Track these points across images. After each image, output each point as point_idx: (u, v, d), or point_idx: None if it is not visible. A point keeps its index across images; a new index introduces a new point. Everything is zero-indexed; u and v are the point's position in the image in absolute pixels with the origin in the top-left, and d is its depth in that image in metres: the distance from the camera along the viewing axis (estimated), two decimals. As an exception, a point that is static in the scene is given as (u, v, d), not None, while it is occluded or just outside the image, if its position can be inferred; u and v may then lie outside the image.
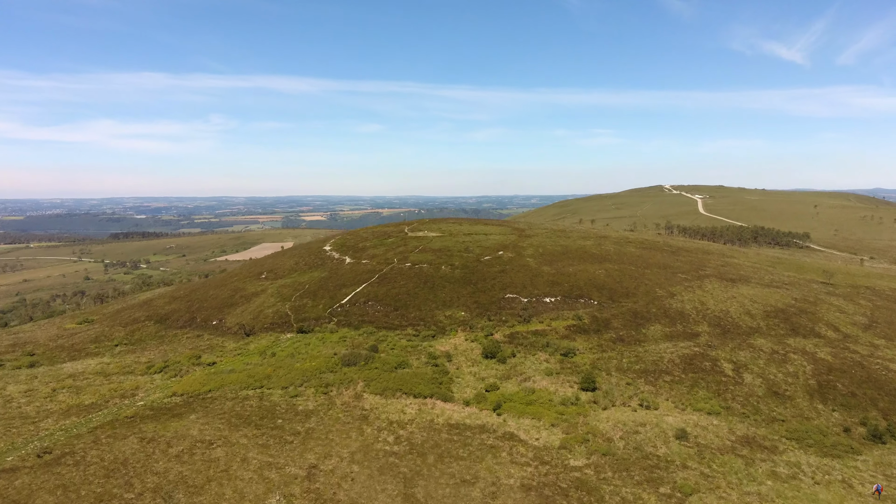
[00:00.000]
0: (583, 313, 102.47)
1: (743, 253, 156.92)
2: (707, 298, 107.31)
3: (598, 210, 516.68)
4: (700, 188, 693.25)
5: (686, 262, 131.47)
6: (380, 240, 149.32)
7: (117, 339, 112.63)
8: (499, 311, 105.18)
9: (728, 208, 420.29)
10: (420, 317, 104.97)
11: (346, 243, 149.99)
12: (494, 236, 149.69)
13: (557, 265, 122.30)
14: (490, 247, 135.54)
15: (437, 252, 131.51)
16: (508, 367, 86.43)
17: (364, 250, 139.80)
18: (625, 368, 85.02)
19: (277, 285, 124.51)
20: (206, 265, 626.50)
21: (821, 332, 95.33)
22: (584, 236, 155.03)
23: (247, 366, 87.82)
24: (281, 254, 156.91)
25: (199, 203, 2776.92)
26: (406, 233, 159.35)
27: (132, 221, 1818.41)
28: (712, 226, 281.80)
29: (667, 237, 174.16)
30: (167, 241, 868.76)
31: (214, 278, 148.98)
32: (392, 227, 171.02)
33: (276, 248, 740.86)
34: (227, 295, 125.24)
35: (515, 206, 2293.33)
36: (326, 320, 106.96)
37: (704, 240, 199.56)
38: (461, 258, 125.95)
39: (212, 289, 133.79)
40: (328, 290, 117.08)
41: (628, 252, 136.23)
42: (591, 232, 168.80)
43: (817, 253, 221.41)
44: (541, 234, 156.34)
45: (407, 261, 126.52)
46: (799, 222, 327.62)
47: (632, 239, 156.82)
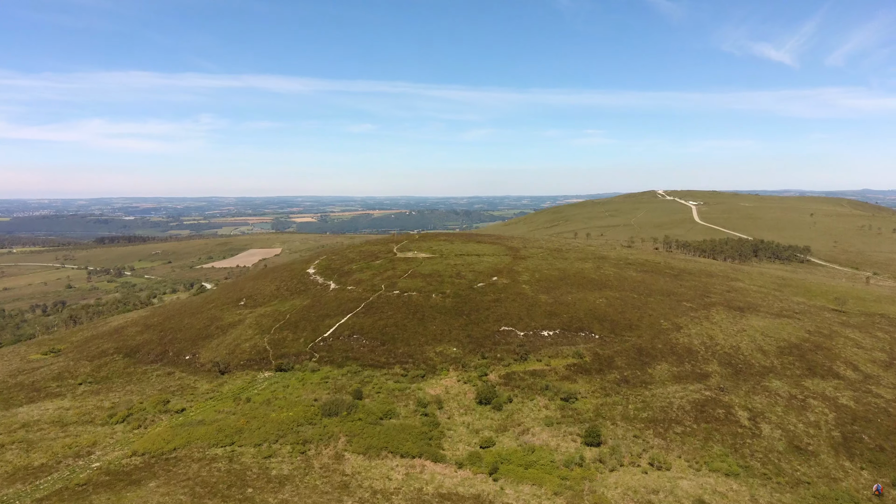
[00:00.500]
0: (583, 349, 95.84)
1: (747, 273, 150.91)
2: (716, 332, 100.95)
3: (591, 217, 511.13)
4: (693, 193, 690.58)
5: (690, 288, 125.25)
6: (367, 262, 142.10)
7: (82, 376, 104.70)
8: (493, 346, 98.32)
9: (723, 216, 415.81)
10: (409, 353, 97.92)
11: (331, 265, 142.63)
12: (488, 258, 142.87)
13: (555, 293, 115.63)
14: (483, 271, 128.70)
15: (428, 278, 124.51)
16: (505, 415, 79.56)
17: (350, 274, 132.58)
18: (631, 417, 78.39)
19: (256, 315, 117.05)
20: (192, 272, 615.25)
21: (839, 371, 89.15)
22: (582, 257, 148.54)
23: (218, 414, 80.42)
24: (263, 276, 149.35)
25: (189, 204, 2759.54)
26: (395, 253, 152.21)
27: (120, 223, 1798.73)
28: (711, 238, 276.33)
29: (667, 256, 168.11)
30: (153, 247, 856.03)
31: (191, 303, 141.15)
32: (380, 247, 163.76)
33: (265, 254, 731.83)
34: (203, 325, 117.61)
35: (506, 206, 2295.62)
36: (308, 356, 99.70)
37: (705, 256, 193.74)
38: (453, 285, 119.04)
39: (187, 317, 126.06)
40: (310, 322, 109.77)
41: (629, 277, 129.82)
42: (589, 251, 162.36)
43: (819, 268, 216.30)
44: (536, 254, 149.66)
45: (395, 287, 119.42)
46: (797, 232, 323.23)
47: (632, 260, 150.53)
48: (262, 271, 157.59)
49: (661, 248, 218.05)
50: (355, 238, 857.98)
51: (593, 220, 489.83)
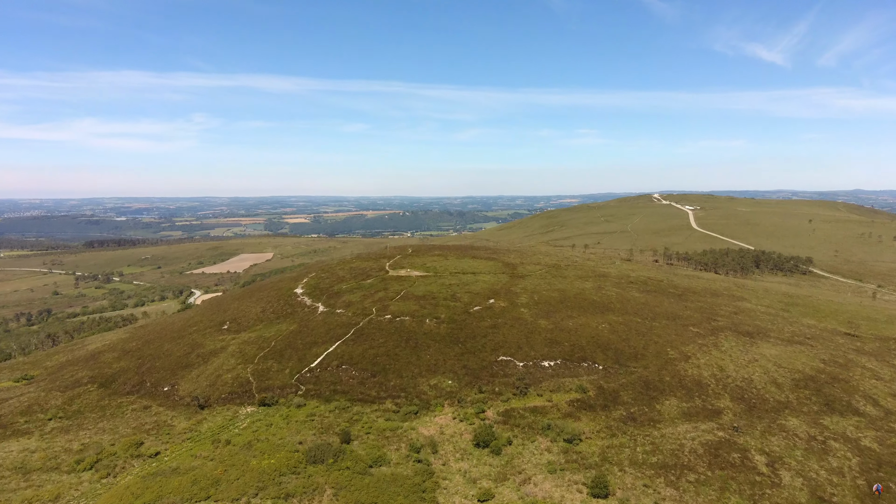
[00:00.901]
0: (587, 382, 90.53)
1: (752, 291, 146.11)
2: (726, 362, 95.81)
3: (587, 222, 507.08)
4: (689, 197, 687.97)
5: (696, 310, 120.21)
6: (357, 281, 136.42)
7: (52, 409, 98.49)
8: (491, 378, 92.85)
9: (721, 222, 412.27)
10: (401, 386, 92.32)
11: (319, 285, 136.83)
12: (484, 276, 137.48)
13: (555, 317, 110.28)
14: (480, 292, 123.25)
15: (421, 300, 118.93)
16: (504, 460, 74.05)
17: (339, 295, 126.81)
18: (640, 462, 73.03)
19: (240, 341, 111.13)
20: (182, 278, 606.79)
21: (859, 407, 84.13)
22: (582, 275, 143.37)
23: (194, 460, 74.55)
24: (248, 295, 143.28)
25: (182, 204, 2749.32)
26: (387, 270, 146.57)
27: (112, 224, 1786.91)
28: (711, 248, 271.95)
29: (669, 271, 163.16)
30: (142, 251, 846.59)
31: (173, 325, 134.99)
32: (371, 263, 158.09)
33: (256, 259, 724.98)
34: (183, 352, 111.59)
35: (500, 207, 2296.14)
36: (293, 389, 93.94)
37: (707, 270, 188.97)
38: (447, 308, 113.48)
39: (167, 342, 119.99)
40: (296, 350, 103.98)
41: (632, 298, 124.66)
42: (589, 267, 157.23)
43: (823, 280, 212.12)
44: (534, 272, 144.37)
45: (387, 311, 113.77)
46: (796, 240, 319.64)
47: (633, 278, 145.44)
48: (248, 290, 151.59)
49: (662, 260, 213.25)
50: (348, 242, 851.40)
51: (589, 225, 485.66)
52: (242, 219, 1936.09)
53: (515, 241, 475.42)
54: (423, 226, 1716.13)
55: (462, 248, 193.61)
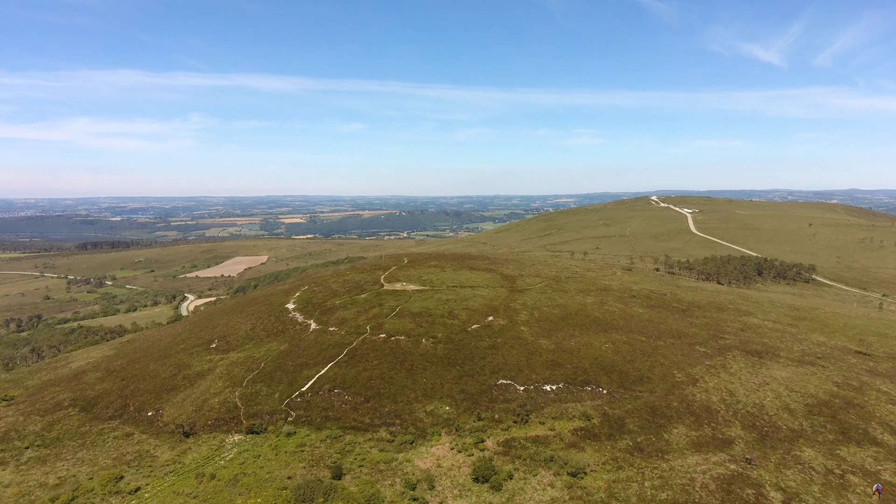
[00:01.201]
0: (591, 408, 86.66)
1: (757, 304, 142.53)
2: (735, 385, 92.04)
3: (584, 226, 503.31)
4: (687, 200, 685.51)
5: (702, 327, 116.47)
6: (351, 296, 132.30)
7: (31, 436, 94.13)
8: (490, 403, 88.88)
9: (720, 226, 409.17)
10: (396, 412, 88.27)
11: (312, 300, 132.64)
12: (482, 291, 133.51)
13: (557, 336, 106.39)
14: (478, 309, 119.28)
15: (417, 317, 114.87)
16: (505, 497, 70.08)
17: (332, 311, 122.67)
18: (648, 498, 69.12)
19: (228, 362, 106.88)
20: (175, 282, 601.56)
21: (876, 436, 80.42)
22: (584, 289, 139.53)
23: (176, 498, 70.43)
24: (239, 310, 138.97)
25: (177, 204, 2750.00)
26: (382, 284, 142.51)
27: (106, 224, 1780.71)
28: (712, 255, 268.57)
29: (671, 282, 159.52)
30: (136, 254, 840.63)
31: (160, 342, 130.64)
32: (366, 276, 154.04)
33: (250, 262, 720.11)
34: (169, 373, 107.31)
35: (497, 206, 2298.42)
36: (283, 415, 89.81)
37: (710, 280, 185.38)
38: (444, 327, 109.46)
39: (153, 361, 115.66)
40: (287, 372, 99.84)
41: (635, 314, 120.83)
42: (590, 279, 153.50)
43: (826, 289, 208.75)
44: (534, 286, 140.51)
45: (381, 330, 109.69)
46: (797, 246, 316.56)
47: (636, 291, 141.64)
48: (238, 303, 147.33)
49: (663, 268, 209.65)
50: (343, 244, 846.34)
51: (587, 229, 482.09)
52: (238, 219, 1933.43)
53: (513, 244, 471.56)
54: (420, 226, 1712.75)
55: (459, 257, 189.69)
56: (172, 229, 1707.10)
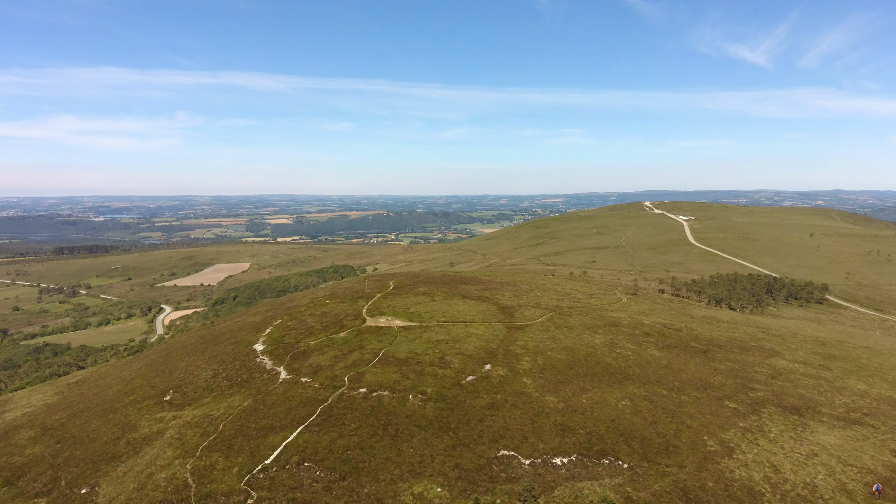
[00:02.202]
0: (610, 489, 72.88)
1: (779, 338, 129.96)
2: (779, 457, 78.72)
3: (578, 234, 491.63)
4: (681, 206, 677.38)
5: (727, 374, 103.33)
6: (328, 334, 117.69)
7: (-64, 520, 78.95)
8: (490, 483, 74.83)
9: (719, 236, 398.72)
10: (377, 495, 73.95)
11: (283, 339, 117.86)
12: (477, 328, 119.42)
13: (566, 391, 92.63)
14: (473, 354, 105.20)
15: (403, 365, 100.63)
16: None
17: (306, 356, 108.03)
18: None
19: (182, 422, 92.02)
20: (152, 292, 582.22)
21: (955, 528, 67.29)
22: (590, 324, 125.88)
23: None
24: (201, 349, 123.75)
25: (163, 203, 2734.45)
26: (364, 317, 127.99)
27: (89, 225, 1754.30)
28: (715, 270, 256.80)
29: (682, 311, 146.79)
30: (114, 260, 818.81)
31: (109, 390, 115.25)
32: (347, 306, 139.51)
33: (232, 269, 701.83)
34: (112, 435, 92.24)
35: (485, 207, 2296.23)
36: (242, 496, 75.08)
37: (721, 306, 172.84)
38: (435, 379, 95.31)
39: (96, 416, 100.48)
40: (249, 438, 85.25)
41: (651, 359, 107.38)
42: (596, 311, 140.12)
43: (843, 311, 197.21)
44: (535, 321, 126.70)
45: (362, 382, 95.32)
46: (801, 259, 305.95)
47: (648, 327, 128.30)
48: (203, 338, 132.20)
49: (669, 289, 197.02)
50: (329, 250, 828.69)
51: (580, 238, 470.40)
52: (224, 219, 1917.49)
53: (504, 253, 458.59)
54: (408, 227, 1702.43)
55: (450, 280, 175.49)
56: (157, 230, 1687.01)
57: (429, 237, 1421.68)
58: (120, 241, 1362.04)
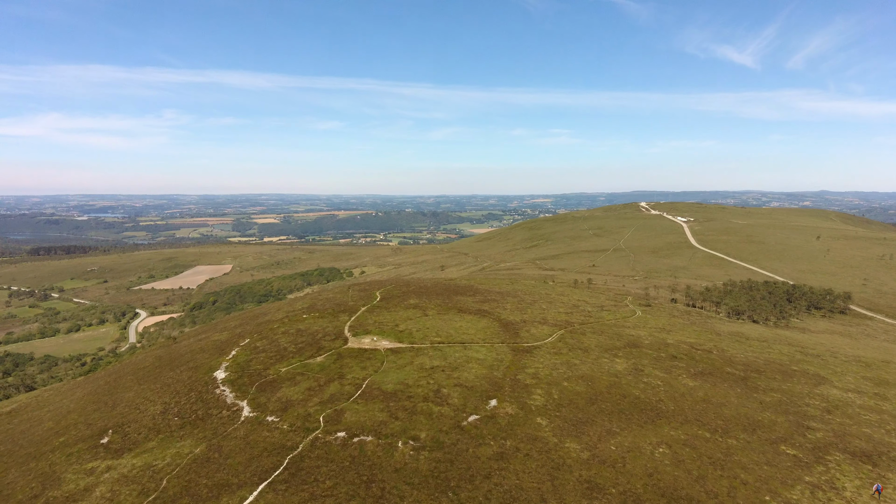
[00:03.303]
0: (658, 575, 57.18)
1: (819, 358, 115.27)
2: (863, 526, 63.33)
3: (574, 236, 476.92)
4: (678, 207, 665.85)
5: (775, 408, 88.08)
6: (302, 359, 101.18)
7: None
8: (503, 565, 58.88)
9: (722, 239, 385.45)
10: (357, 582, 57.80)
11: (250, 364, 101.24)
12: (478, 351, 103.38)
13: (589, 434, 76.80)
14: (474, 385, 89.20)
15: (391, 400, 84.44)
16: None
17: (275, 387, 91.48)
18: None
19: (117, 475, 75.19)
20: (128, 295, 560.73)
21: None
22: (608, 345, 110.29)
23: None
24: (153, 376, 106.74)
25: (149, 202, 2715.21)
26: (345, 336, 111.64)
27: (72, 224, 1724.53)
28: (724, 275, 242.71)
29: (704, 325, 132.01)
30: (91, 261, 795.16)
31: (40, 425, 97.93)
32: (327, 322, 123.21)
33: (213, 271, 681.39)
34: (30, 492, 75.17)
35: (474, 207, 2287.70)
36: (182, 584, 58.80)
37: (742, 319, 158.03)
38: (429, 419, 79.18)
39: (17, 464, 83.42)
40: (198, 498, 68.60)
41: (685, 390, 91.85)
42: (611, 328, 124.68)
43: (869, 323, 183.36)
44: (544, 342, 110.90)
45: (340, 422, 79.02)
46: (813, 264, 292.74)
47: (673, 346, 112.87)
48: (159, 360, 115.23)
49: (681, 298, 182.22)
50: (315, 251, 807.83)
51: (577, 240, 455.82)
52: (210, 218, 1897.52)
53: (497, 255, 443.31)
54: (397, 227, 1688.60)
55: (444, 289, 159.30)
56: (141, 229, 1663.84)
57: (418, 237, 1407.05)
58: (103, 240, 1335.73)
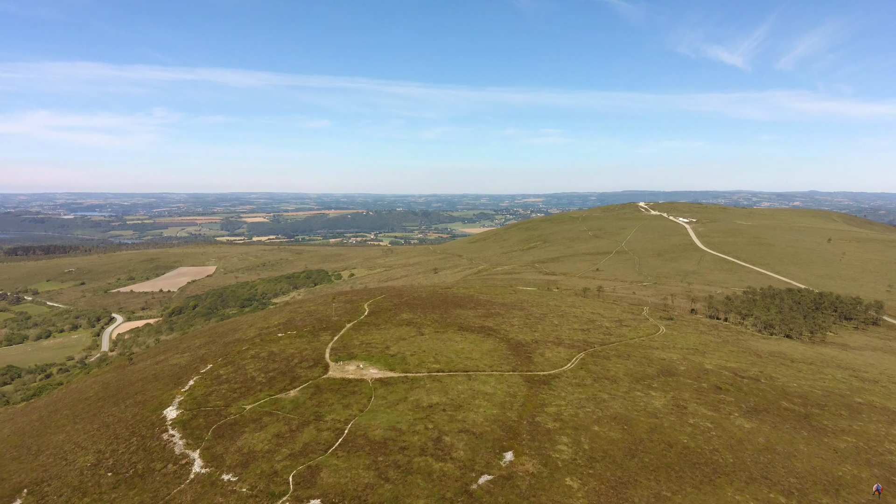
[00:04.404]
0: None
1: (882, 389, 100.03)
2: None
3: (572, 238, 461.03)
4: (678, 207, 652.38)
5: (855, 458, 72.00)
6: (272, 392, 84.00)
7: None
8: None
9: (728, 241, 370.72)
10: None
11: (209, 399, 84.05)
12: (484, 383, 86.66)
13: (634, 502, 60.23)
14: (485, 432, 72.47)
15: (380, 453, 67.52)
16: None
17: (236, 431, 74.35)
18: None
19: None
20: (105, 298, 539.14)
21: None
22: (638, 373, 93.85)
23: None
24: (91, 414, 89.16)
25: (138, 200, 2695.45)
26: (326, 363, 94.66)
27: (58, 222, 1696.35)
28: (741, 283, 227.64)
29: (737, 342, 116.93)
30: (69, 262, 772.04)
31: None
32: (305, 342, 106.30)
33: (196, 273, 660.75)
34: None
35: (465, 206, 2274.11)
36: None
37: (774, 333, 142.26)
38: (429, 482, 62.34)
39: None
40: None
41: (742, 435, 75.46)
42: (637, 348, 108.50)
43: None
44: (563, 369, 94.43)
45: (314, 486, 62.07)
46: (830, 268, 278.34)
47: (714, 373, 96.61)
48: (102, 391, 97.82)
49: (702, 308, 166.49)
50: (303, 252, 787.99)
51: (576, 241, 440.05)
52: (198, 217, 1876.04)
53: (493, 258, 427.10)
54: (388, 226, 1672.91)
55: (441, 302, 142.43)
56: (128, 228, 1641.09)
57: (409, 237, 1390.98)
58: (88, 239, 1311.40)
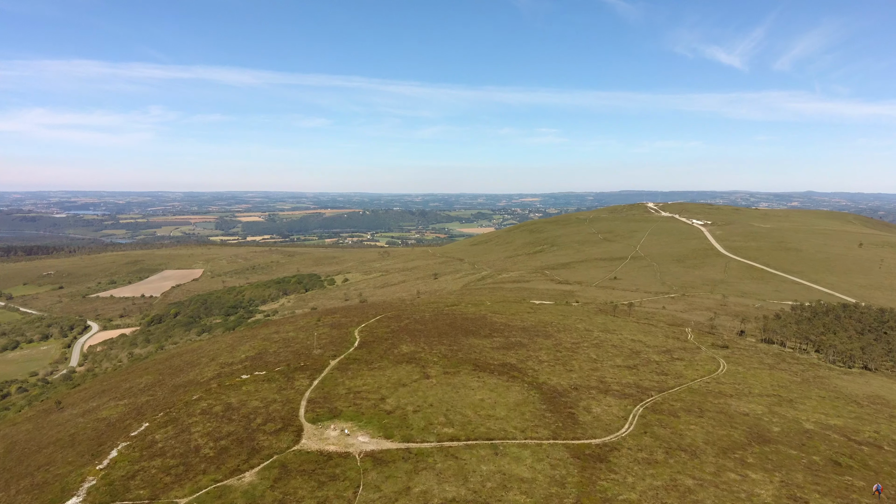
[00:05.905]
0: None
1: None
2: None
3: (581, 241, 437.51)
4: (688, 208, 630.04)
5: None
6: (219, 479, 60.26)
7: None
8: None
9: (751, 245, 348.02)
10: None
11: (128, 487, 60.28)
12: (520, 465, 63.04)
13: None
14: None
15: None
16: None
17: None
18: None
19: None
20: (83, 304, 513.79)
21: None
22: (725, 444, 70.10)
23: None
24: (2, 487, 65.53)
25: (132, 198, 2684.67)
26: (301, 423, 71.09)
27: (50, 221, 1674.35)
28: (790, 298, 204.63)
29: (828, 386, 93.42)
30: (48, 264, 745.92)
31: None
32: (274, 392, 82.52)
33: (182, 276, 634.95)
34: None
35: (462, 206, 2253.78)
36: None
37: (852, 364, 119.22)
38: None
39: None
40: None
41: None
42: (708, 400, 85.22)
43: None
44: (628, 442, 71.00)
45: None
46: (870, 277, 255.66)
47: (818, 437, 72.97)
48: (14, 459, 73.54)
49: (753, 330, 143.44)
50: (294, 255, 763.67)
51: (585, 245, 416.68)
52: (193, 216, 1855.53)
53: (497, 263, 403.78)
54: (385, 226, 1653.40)
55: (450, 328, 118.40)
56: (121, 227, 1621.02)
57: (406, 237, 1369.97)
58: (79, 238, 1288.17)
